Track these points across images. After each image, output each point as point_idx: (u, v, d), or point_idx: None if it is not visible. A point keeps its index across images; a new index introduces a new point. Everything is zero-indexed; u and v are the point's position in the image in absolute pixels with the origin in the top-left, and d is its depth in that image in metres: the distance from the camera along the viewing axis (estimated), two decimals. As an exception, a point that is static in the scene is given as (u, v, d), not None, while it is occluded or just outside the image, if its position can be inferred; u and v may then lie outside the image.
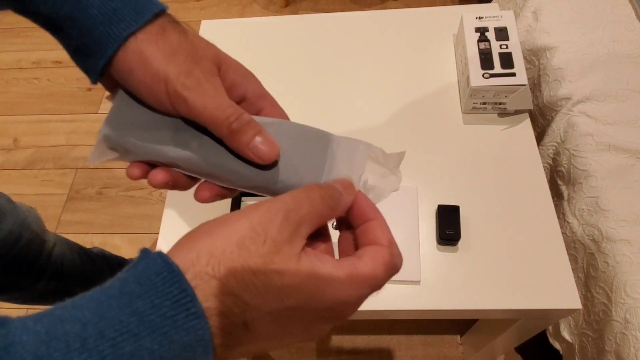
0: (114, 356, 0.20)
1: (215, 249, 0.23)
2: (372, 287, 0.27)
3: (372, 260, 0.27)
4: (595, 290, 0.73)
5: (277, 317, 0.24)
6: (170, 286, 0.21)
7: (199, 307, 0.21)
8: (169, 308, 0.21)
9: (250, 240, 0.23)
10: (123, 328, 0.20)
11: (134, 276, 0.22)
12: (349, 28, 0.89)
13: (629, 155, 0.77)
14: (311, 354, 1.18)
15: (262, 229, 0.24)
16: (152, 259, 0.22)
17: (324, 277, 0.25)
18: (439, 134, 0.75)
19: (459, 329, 1.18)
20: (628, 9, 0.92)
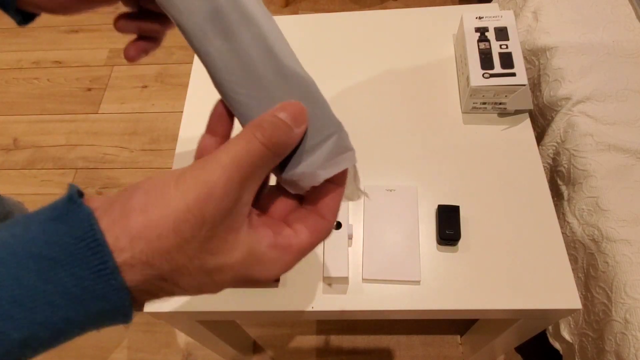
0: (27, 322, 0.20)
1: (151, 233, 0.22)
2: (300, 257, 0.27)
3: (308, 237, 0.27)
4: (595, 290, 0.73)
5: (203, 286, 0.24)
6: (92, 255, 0.21)
7: (121, 281, 0.21)
8: (88, 279, 0.20)
9: (186, 224, 0.22)
10: (39, 295, 0.20)
11: (57, 235, 0.21)
12: (349, 28, 0.89)
13: (629, 155, 0.77)
14: (311, 354, 1.18)
15: (198, 210, 0.22)
16: (79, 220, 0.21)
17: (259, 258, 0.24)
18: (439, 134, 0.75)
19: (459, 329, 1.18)
20: (628, 9, 0.92)
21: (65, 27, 1.92)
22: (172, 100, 1.68)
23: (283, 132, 0.24)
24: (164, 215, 0.22)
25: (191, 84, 0.84)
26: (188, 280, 0.23)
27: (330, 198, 0.28)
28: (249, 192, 0.24)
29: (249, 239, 0.24)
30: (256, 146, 0.23)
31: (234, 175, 0.23)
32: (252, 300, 0.63)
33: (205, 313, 0.64)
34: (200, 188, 0.22)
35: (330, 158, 0.27)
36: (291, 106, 0.25)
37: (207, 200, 0.22)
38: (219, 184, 0.22)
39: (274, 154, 0.24)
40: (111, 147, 1.59)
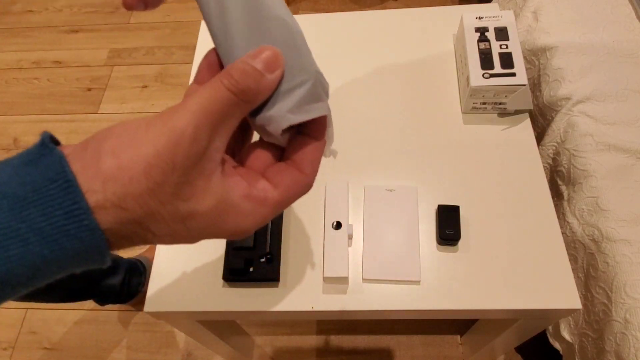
0: (1, 258, 0.20)
1: (123, 176, 0.22)
2: (276, 211, 0.27)
3: (286, 191, 0.26)
4: (595, 290, 0.73)
5: (177, 233, 0.24)
6: (64, 195, 0.21)
7: (93, 221, 0.21)
8: (60, 217, 0.21)
9: (157, 169, 0.22)
10: (12, 232, 0.20)
11: (30, 177, 0.21)
12: (349, 28, 0.89)
13: (629, 155, 0.77)
14: (311, 353, 1.18)
15: (168, 155, 0.22)
16: (51, 162, 0.21)
17: (231, 207, 0.25)
18: (439, 134, 0.75)
19: (459, 329, 1.18)
20: (628, 9, 0.92)
21: (65, 27, 1.92)
22: (172, 100, 1.68)
23: (252, 79, 0.24)
24: (135, 159, 0.22)
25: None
26: (161, 227, 0.23)
27: (309, 151, 0.28)
28: (220, 138, 0.24)
29: (221, 186, 0.24)
30: (223, 93, 0.23)
31: (202, 120, 0.23)
32: (252, 300, 0.63)
33: (205, 313, 0.65)
34: (170, 134, 0.22)
35: (302, 105, 0.26)
36: (265, 51, 0.25)
37: (176, 146, 0.22)
38: (188, 130, 0.22)
39: (242, 100, 0.24)
40: (111, 147, 1.59)
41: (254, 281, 0.64)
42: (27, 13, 1.98)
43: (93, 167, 0.22)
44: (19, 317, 1.30)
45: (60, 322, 1.28)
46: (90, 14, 1.95)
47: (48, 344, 1.26)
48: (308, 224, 0.69)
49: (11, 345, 1.26)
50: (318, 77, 0.27)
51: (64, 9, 1.98)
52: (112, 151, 0.22)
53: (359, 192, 0.70)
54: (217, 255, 0.67)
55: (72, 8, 1.98)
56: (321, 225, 0.68)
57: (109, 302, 1.13)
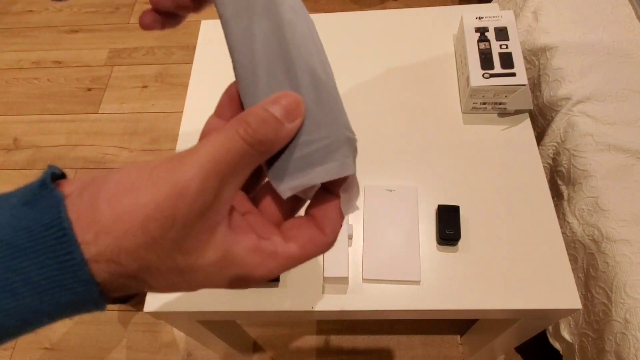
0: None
1: (117, 229, 0.20)
2: (288, 267, 0.24)
3: (299, 249, 0.24)
4: (595, 290, 0.73)
5: (175, 285, 0.23)
6: (59, 245, 0.20)
7: (87, 273, 0.20)
8: (54, 269, 0.20)
9: (156, 223, 0.20)
10: (4, 285, 0.19)
11: (26, 221, 0.20)
12: (349, 28, 0.89)
13: (629, 155, 0.77)
14: (311, 353, 1.18)
15: (169, 209, 0.20)
16: (48, 206, 0.20)
17: (236, 260, 0.23)
18: (439, 134, 0.75)
19: (459, 329, 1.18)
20: (628, 9, 0.92)
21: (66, 27, 1.92)
22: (172, 100, 1.68)
23: (271, 128, 0.22)
24: (132, 210, 0.20)
25: (191, 84, 0.84)
26: (158, 280, 0.22)
27: (331, 209, 0.25)
28: (230, 191, 0.22)
29: (227, 240, 0.23)
30: (237, 144, 0.22)
31: (210, 174, 0.21)
32: (252, 300, 0.63)
33: (205, 313, 0.64)
34: (173, 185, 0.20)
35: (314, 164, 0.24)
36: (285, 97, 0.23)
37: (178, 200, 0.20)
38: (193, 183, 0.21)
39: (258, 152, 0.22)
40: (111, 147, 1.59)
41: (254, 281, 0.64)
42: (27, 13, 1.98)
43: (88, 215, 0.20)
44: (19, 317, 1.30)
45: (60, 322, 1.28)
46: (90, 14, 1.95)
47: (48, 344, 1.26)
48: (308, 224, 0.69)
49: (11, 345, 1.26)
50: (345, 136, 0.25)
51: (64, 9, 1.98)
52: (108, 199, 0.21)
53: (359, 192, 0.70)
54: (217, 255, 0.67)
55: (72, 8, 1.98)
56: (321, 225, 0.68)
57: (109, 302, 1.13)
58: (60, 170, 0.22)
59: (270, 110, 0.22)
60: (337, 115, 0.25)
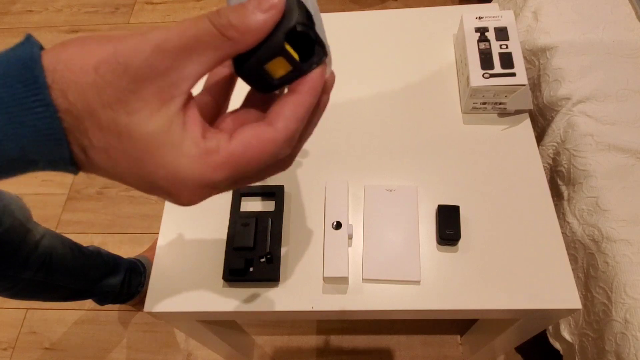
0: None
1: (74, 63, 0.21)
2: (228, 171, 0.23)
3: (243, 146, 0.23)
4: (595, 290, 0.73)
5: (113, 158, 0.22)
6: (26, 71, 0.21)
7: (47, 96, 0.21)
8: (19, 89, 0.21)
9: (108, 66, 0.21)
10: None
11: (5, 57, 0.22)
12: (349, 28, 0.89)
13: (629, 155, 0.77)
14: (311, 353, 1.18)
15: (124, 56, 0.21)
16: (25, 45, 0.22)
17: (173, 143, 0.22)
18: (439, 134, 0.75)
19: (459, 329, 1.18)
20: (628, 9, 0.92)
21: (65, 27, 1.92)
22: (172, 100, 1.68)
23: (237, 14, 0.22)
24: (91, 53, 0.21)
25: (191, 84, 0.84)
26: (97, 134, 0.22)
27: (285, 104, 0.24)
28: (191, 67, 0.22)
29: (174, 119, 0.22)
30: (205, 23, 0.22)
31: (172, 37, 0.21)
32: (252, 300, 0.63)
33: (205, 313, 0.65)
34: (135, 39, 0.21)
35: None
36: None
37: (136, 51, 0.21)
38: (154, 40, 0.21)
39: (225, 36, 0.22)
40: (111, 147, 1.59)
41: (254, 281, 0.64)
42: (27, 13, 1.98)
43: (56, 51, 0.22)
44: (19, 317, 1.30)
45: (60, 322, 1.28)
46: (90, 14, 1.95)
47: (48, 344, 1.26)
48: (308, 224, 0.69)
49: (11, 345, 1.26)
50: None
51: (64, 9, 1.98)
52: (78, 43, 0.22)
53: (359, 192, 0.70)
54: (217, 255, 0.67)
55: (72, 8, 1.98)
56: (321, 225, 0.68)
57: (108, 302, 1.13)
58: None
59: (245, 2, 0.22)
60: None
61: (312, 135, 0.77)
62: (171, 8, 1.92)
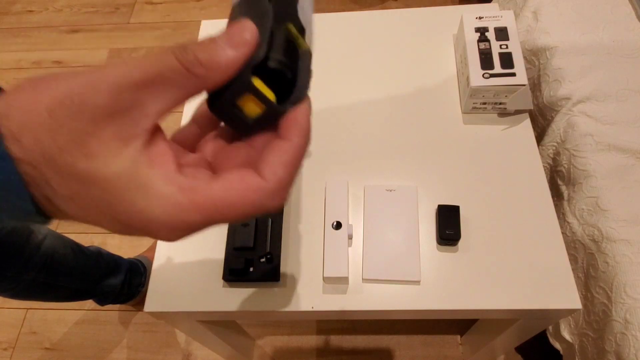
0: None
1: (26, 105, 0.19)
2: (208, 216, 0.21)
3: (224, 190, 0.21)
4: (595, 290, 0.73)
5: (81, 205, 0.21)
6: None
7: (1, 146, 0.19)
8: None
9: (62, 107, 0.19)
10: None
11: None
12: (349, 28, 0.89)
13: (629, 155, 0.77)
14: (311, 353, 1.18)
15: (79, 96, 0.19)
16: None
17: (141, 185, 0.20)
18: (439, 134, 0.75)
19: (459, 329, 1.18)
20: (628, 9, 0.92)
21: (65, 27, 1.92)
22: (172, 100, 1.68)
23: (205, 50, 0.21)
24: (44, 92, 0.19)
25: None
26: (59, 182, 0.20)
27: (269, 150, 0.22)
28: (154, 106, 0.20)
29: (139, 157, 0.20)
30: (169, 59, 0.20)
31: (134, 74, 0.20)
32: (252, 300, 0.63)
33: (205, 313, 0.65)
34: (91, 76, 0.19)
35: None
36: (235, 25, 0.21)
37: (92, 89, 0.19)
38: (112, 76, 0.19)
39: (190, 72, 0.21)
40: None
41: (254, 281, 0.64)
42: (27, 13, 1.98)
43: (8, 96, 0.20)
44: (19, 317, 1.30)
45: (60, 322, 1.28)
46: (90, 14, 1.95)
47: (48, 344, 1.26)
48: (308, 224, 0.69)
49: (11, 345, 1.26)
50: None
51: (64, 9, 1.98)
52: (30, 84, 0.20)
53: (359, 192, 0.70)
54: (217, 255, 0.67)
55: (72, 8, 1.98)
56: (321, 225, 0.68)
57: (108, 302, 1.13)
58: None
59: (212, 35, 0.21)
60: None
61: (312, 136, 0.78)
62: (171, 8, 1.92)
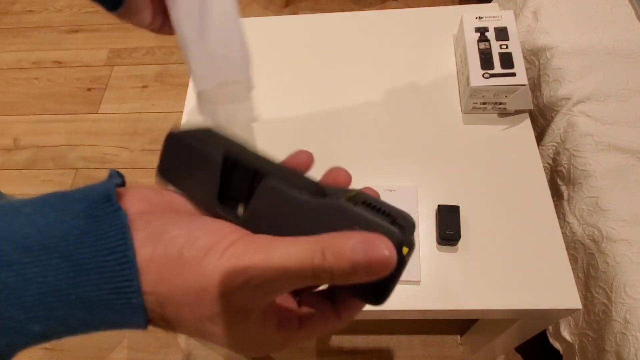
0: (47, 318, 0.20)
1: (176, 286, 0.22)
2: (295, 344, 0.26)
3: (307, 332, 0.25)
4: (595, 290, 0.73)
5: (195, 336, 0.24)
6: (119, 270, 0.21)
7: (140, 301, 0.21)
8: (109, 291, 0.21)
9: (210, 296, 0.22)
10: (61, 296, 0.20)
11: (89, 237, 0.21)
12: (349, 28, 0.89)
13: (629, 155, 0.77)
14: (311, 353, 1.18)
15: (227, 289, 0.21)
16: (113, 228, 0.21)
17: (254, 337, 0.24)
18: (439, 134, 0.75)
19: (459, 329, 1.18)
20: (628, 9, 0.92)
21: (65, 27, 1.92)
22: (172, 100, 1.68)
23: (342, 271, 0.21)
24: (195, 278, 0.21)
25: (191, 84, 0.84)
26: (185, 331, 0.24)
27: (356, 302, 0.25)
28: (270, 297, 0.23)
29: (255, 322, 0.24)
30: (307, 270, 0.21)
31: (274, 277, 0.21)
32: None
33: (205, 313, 0.64)
34: (239, 273, 0.21)
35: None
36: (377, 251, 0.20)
37: (239, 286, 0.21)
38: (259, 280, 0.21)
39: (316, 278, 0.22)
40: (111, 147, 1.59)
41: (254, 281, 0.64)
42: (27, 13, 1.98)
43: (156, 259, 0.21)
44: (19, 317, 1.30)
45: (60, 322, 1.28)
46: (90, 14, 1.95)
47: (48, 344, 1.26)
48: (308, 224, 0.69)
49: (11, 345, 1.26)
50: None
51: (64, 9, 1.98)
52: (178, 251, 0.22)
53: (359, 192, 0.70)
54: (217, 255, 0.67)
55: (72, 8, 1.98)
56: (321, 225, 0.68)
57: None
58: (120, 178, 0.23)
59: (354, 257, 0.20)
60: None
61: (312, 136, 0.78)
62: (171, 8, 1.92)
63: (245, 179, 0.26)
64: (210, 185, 0.26)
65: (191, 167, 0.27)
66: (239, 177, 0.26)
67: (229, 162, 0.26)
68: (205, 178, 0.26)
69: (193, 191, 0.27)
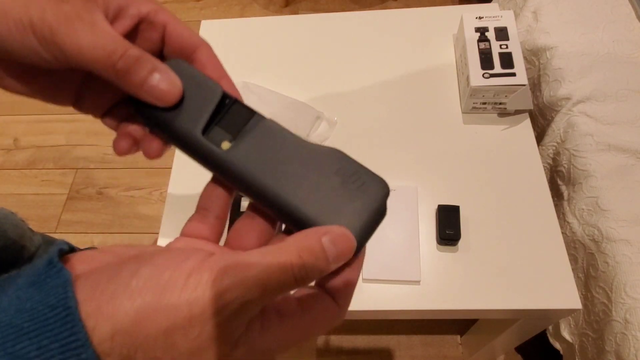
0: None
1: (139, 332, 0.20)
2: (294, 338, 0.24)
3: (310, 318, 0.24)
4: (595, 290, 0.73)
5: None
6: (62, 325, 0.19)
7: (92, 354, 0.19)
8: (56, 352, 0.19)
9: (182, 332, 0.20)
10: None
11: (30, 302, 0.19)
12: (349, 28, 0.89)
13: (629, 155, 0.77)
14: (311, 354, 1.18)
15: (200, 321, 0.20)
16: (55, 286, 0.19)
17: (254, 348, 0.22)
18: (439, 134, 0.75)
19: (459, 329, 1.18)
20: (628, 9, 0.92)
21: (66, 27, 1.92)
22: (172, 100, 1.68)
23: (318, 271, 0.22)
24: (161, 319, 0.20)
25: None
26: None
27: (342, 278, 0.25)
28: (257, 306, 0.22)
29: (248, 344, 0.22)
30: (288, 278, 0.21)
31: (255, 295, 0.21)
32: (252, 300, 0.63)
33: (205, 313, 0.64)
34: (211, 301, 0.20)
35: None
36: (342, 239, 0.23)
37: (215, 315, 0.20)
38: (234, 305, 0.20)
39: (297, 284, 0.22)
40: (111, 147, 1.59)
41: (254, 281, 0.64)
42: (27, 13, 1.97)
43: (107, 309, 0.20)
44: (19, 317, 1.30)
45: (60, 322, 1.28)
46: (90, 14, 1.95)
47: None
48: (308, 224, 0.69)
49: (11, 345, 1.26)
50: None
51: (64, 9, 1.98)
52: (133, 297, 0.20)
53: (359, 192, 0.70)
54: (217, 255, 0.67)
55: (72, 8, 1.98)
56: (321, 225, 0.68)
57: None
58: (68, 246, 0.22)
59: (327, 252, 0.22)
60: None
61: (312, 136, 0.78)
62: (171, 8, 1.92)
63: (240, 117, 0.26)
64: (199, 115, 0.26)
65: (185, 92, 0.26)
66: (233, 114, 0.26)
67: (227, 98, 0.27)
68: (196, 106, 0.26)
69: (173, 120, 0.26)
